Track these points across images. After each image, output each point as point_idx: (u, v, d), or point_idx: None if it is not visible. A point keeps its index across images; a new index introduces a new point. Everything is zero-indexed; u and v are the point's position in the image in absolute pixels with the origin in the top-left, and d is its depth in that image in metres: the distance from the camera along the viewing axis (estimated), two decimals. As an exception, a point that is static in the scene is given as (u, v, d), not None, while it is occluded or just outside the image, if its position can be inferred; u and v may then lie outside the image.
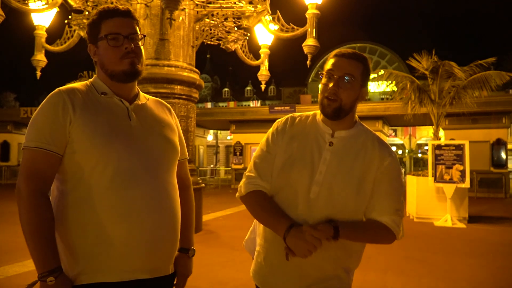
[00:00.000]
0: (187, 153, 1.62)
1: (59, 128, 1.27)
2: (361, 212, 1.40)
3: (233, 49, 7.82)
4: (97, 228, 1.26)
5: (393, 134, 35.85)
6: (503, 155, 15.44)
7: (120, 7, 1.41)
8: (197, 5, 6.72)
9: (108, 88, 1.39)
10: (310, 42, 5.86)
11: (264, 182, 1.43)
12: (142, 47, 1.41)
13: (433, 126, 9.80)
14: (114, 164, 1.28)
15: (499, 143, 15.40)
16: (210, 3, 6.74)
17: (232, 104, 46.75)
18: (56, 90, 1.34)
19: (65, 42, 7.38)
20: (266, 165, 1.44)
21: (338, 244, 1.31)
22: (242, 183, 1.47)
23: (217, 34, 7.60)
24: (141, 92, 1.49)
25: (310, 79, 47.24)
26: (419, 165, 34.27)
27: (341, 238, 1.29)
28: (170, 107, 1.60)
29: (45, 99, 1.33)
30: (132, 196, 1.29)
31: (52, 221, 1.26)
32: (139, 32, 1.41)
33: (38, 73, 7.00)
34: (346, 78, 1.35)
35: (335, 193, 1.36)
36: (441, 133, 15.29)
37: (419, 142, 35.86)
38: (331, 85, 1.36)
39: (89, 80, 1.44)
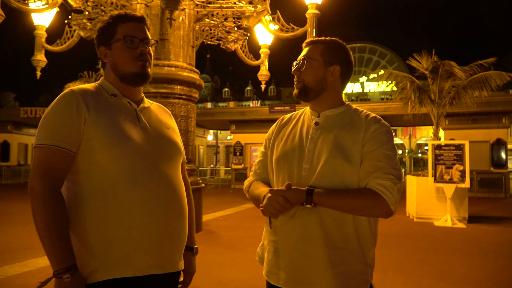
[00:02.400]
0: (185, 155, 1.66)
1: (73, 126, 1.29)
2: (356, 183, 1.36)
3: (233, 49, 7.82)
4: (112, 224, 1.28)
5: (393, 134, 35.86)
6: (503, 155, 15.44)
7: (137, 14, 1.48)
8: (197, 5, 6.72)
9: (117, 90, 1.43)
10: (310, 42, 5.86)
11: (259, 176, 1.58)
12: (152, 52, 1.48)
13: (433, 126, 9.79)
14: (129, 161, 1.32)
15: (499, 143, 15.40)
16: (210, 3, 6.74)
17: (232, 104, 46.80)
18: (68, 89, 1.36)
19: (65, 42, 7.38)
20: (263, 158, 1.60)
21: (321, 219, 1.33)
22: (246, 181, 1.64)
23: (217, 34, 7.61)
24: (145, 97, 1.55)
25: (310, 79, 47.23)
26: (419, 165, 34.32)
27: (317, 203, 1.31)
28: (170, 112, 1.66)
29: (57, 98, 1.35)
30: (147, 193, 1.32)
31: (66, 218, 1.27)
32: (151, 38, 1.48)
33: (38, 73, 7.00)
34: (303, 60, 1.49)
35: (324, 166, 1.37)
36: (441, 133, 15.29)
37: (419, 142, 35.90)
38: (293, 70, 1.51)
39: (97, 82, 1.48)
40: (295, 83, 1.50)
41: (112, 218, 1.28)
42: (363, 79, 49.36)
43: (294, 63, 1.52)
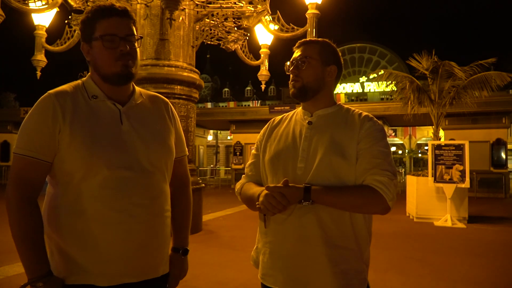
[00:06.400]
0: (186, 149, 1.58)
1: (48, 136, 1.26)
2: (352, 180, 1.36)
3: (233, 49, 7.82)
4: (85, 234, 1.26)
5: (393, 134, 35.86)
6: (503, 155, 15.42)
7: (117, 4, 1.35)
8: (197, 5, 6.72)
9: (100, 91, 1.35)
10: (310, 42, 5.86)
11: (251, 177, 1.56)
12: (138, 49, 1.36)
13: (433, 126, 9.78)
14: (102, 173, 1.26)
15: (499, 143, 15.38)
16: (210, 3, 6.74)
17: (232, 104, 46.75)
18: (46, 94, 1.31)
19: (65, 42, 7.38)
20: (255, 160, 1.57)
21: (318, 218, 1.32)
22: (238, 184, 1.61)
23: (217, 34, 7.61)
24: (137, 90, 1.44)
25: (310, 79, 47.21)
26: (419, 165, 34.27)
27: (315, 200, 1.29)
28: (168, 101, 1.54)
29: (36, 103, 1.30)
30: (121, 204, 1.28)
31: (41, 227, 1.27)
32: (136, 33, 1.35)
33: (38, 73, 7.00)
34: (302, 59, 1.47)
35: (320, 164, 1.36)
36: (441, 133, 15.28)
37: (419, 142, 35.87)
38: (291, 69, 1.49)
39: (82, 79, 1.40)
40: (292, 82, 1.48)
41: (84, 229, 1.25)
42: (363, 79, 49.34)
43: (288, 63, 1.51)
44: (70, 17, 7.03)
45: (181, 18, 6.65)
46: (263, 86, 8.07)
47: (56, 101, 1.28)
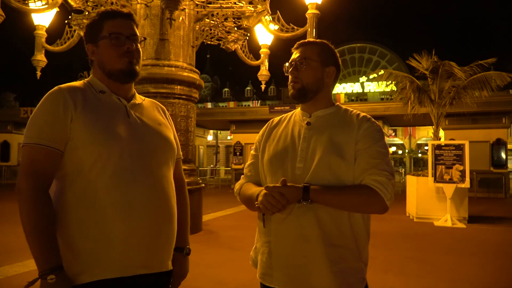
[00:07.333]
0: (181, 153, 1.64)
1: (60, 125, 1.28)
2: (350, 180, 1.37)
3: (233, 49, 7.83)
4: (97, 224, 1.26)
5: (393, 134, 35.86)
6: (503, 155, 15.42)
7: (123, 10, 1.44)
8: (197, 5, 6.72)
9: (105, 87, 1.41)
10: (310, 42, 5.86)
11: (250, 178, 1.57)
12: (141, 49, 1.45)
13: (433, 126, 9.78)
14: (114, 160, 1.29)
15: (499, 143, 15.38)
16: (210, 3, 6.74)
17: (232, 104, 46.78)
18: (56, 87, 1.34)
19: (65, 42, 7.39)
20: (254, 160, 1.58)
21: (317, 216, 1.33)
22: (237, 184, 1.61)
23: (217, 34, 7.61)
24: (137, 93, 1.52)
25: (310, 79, 47.20)
26: (419, 165, 34.28)
27: (314, 200, 1.30)
28: (164, 108, 1.63)
29: (45, 96, 1.33)
30: (132, 193, 1.30)
31: (53, 219, 1.25)
32: (139, 35, 1.45)
33: (38, 73, 7.01)
34: (301, 60, 1.48)
35: (319, 164, 1.37)
36: (441, 133, 15.28)
37: (419, 142, 35.87)
38: (290, 70, 1.50)
39: (86, 79, 1.45)
40: (292, 83, 1.49)
41: (95, 219, 1.26)
42: (363, 79, 49.32)
43: (287, 64, 1.53)
44: (70, 17, 7.04)
45: (181, 18, 6.65)
46: (263, 86, 8.08)
47: (67, 92, 1.32)
